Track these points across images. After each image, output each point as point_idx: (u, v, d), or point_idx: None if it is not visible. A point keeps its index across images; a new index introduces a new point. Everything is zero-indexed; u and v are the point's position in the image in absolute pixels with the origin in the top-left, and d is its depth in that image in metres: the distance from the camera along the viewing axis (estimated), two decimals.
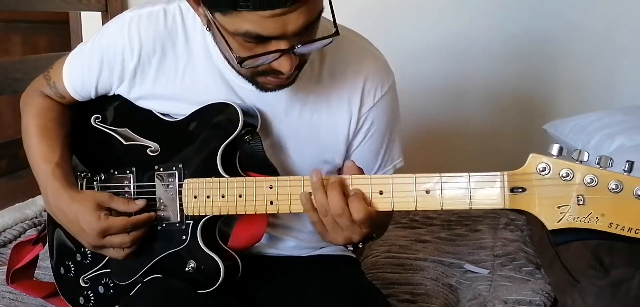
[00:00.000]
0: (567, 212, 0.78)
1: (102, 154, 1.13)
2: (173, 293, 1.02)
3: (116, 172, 1.10)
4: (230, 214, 0.99)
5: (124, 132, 1.11)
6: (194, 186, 1.01)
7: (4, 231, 1.74)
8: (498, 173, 0.82)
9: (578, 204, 0.78)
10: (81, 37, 2.57)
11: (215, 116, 1.03)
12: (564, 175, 0.78)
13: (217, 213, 1.00)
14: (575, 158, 0.78)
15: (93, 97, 1.13)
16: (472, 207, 0.83)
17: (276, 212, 0.95)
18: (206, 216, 1.01)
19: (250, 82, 0.98)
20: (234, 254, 1.04)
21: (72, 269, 1.15)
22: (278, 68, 0.90)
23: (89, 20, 2.54)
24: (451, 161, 2.31)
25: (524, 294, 1.37)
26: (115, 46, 1.06)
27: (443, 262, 1.55)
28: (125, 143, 1.11)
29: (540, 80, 2.25)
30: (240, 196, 0.96)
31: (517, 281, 1.45)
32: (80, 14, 2.56)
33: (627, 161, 0.77)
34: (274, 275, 1.12)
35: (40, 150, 1.10)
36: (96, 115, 1.14)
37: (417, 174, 0.86)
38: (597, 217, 0.77)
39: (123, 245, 1.04)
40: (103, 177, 1.12)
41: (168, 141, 1.07)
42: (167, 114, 1.09)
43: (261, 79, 0.95)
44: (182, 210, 1.03)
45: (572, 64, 2.20)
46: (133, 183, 1.09)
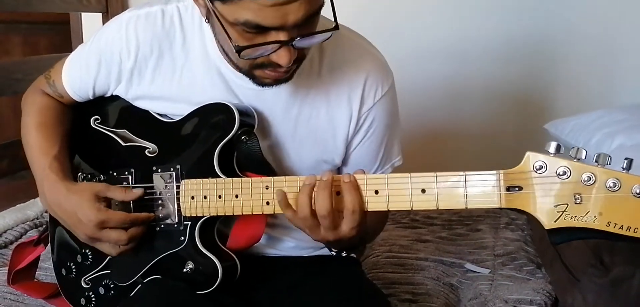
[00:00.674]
0: (565, 210, 0.77)
1: (101, 155, 1.13)
2: (172, 294, 1.02)
3: (115, 173, 1.11)
4: (227, 214, 0.99)
5: (122, 134, 1.11)
6: (191, 186, 1.01)
7: (5, 232, 1.74)
8: (494, 172, 0.81)
9: (575, 203, 0.77)
10: (82, 38, 2.57)
11: (213, 117, 1.03)
12: (561, 173, 0.77)
13: (214, 214, 1.00)
14: (573, 156, 0.77)
15: (91, 98, 1.14)
16: (468, 207, 0.83)
17: (273, 212, 0.95)
18: (203, 216, 1.01)
19: (248, 77, 0.97)
20: (233, 255, 1.04)
21: (74, 270, 1.15)
22: (277, 61, 0.89)
23: (90, 21, 2.55)
24: (451, 162, 2.29)
25: (524, 294, 1.37)
26: (112, 47, 1.07)
27: (444, 262, 1.55)
28: (123, 144, 1.11)
29: (540, 80, 2.25)
30: (236, 196, 0.96)
31: (518, 280, 1.45)
32: (80, 14, 2.56)
33: (626, 159, 0.76)
34: (273, 275, 1.12)
35: (38, 144, 1.10)
36: (95, 117, 1.14)
37: (412, 174, 0.86)
38: (595, 216, 0.76)
39: (119, 241, 1.03)
40: (102, 179, 1.12)
41: (166, 142, 1.08)
42: (165, 115, 1.10)
43: (259, 72, 0.95)
44: (180, 211, 1.03)
45: (572, 63, 2.19)
46: (131, 184, 1.09)
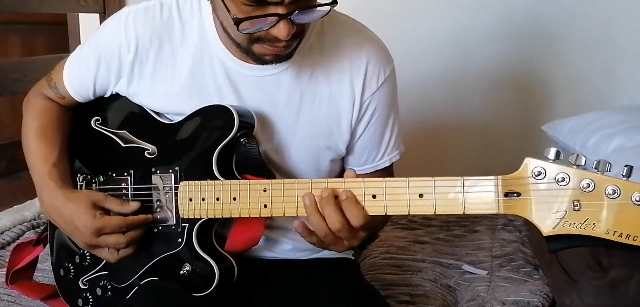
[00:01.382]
0: (563, 218, 0.77)
1: (101, 156, 1.13)
2: (168, 296, 1.02)
3: (114, 174, 1.11)
4: (225, 217, 0.98)
5: (122, 135, 1.11)
6: (189, 188, 1.01)
7: (2, 233, 1.74)
8: (492, 177, 0.81)
9: (574, 210, 0.76)
10: (79, 38, 2.57)
11: (212, 119, 1.03)
12: (560, 179, 0.77)
13: (211, 216, 0.99)
14: (572, 162, 0.77)
15: (92, 97, 1.13)
16: (466, 212, 0.82)
17: (270, 215, 0.95)
18: (201, 218, 1.01)
19: (247, 53, 0.97)
20: (230, 258, 1.04)
21: (72, 270, 1.15)
22: (276, 34, 0.89)
23: (87, 21, 2.54)
24: (449, 160, 2.30)
25: (522, 295, 1.37)
26: (111, 42, 1.06)
27: (441, 263, 1.55)
28: (123, 145, 1.11)
29: (538, 80, 2.24)
30: (234, 198, 0.96)
31: (515, 281, 1.45)
32: (78, 15, 2.56)
33: (626, 166, 0.75)
34: (271, 278, 1.12)
35: (38, 150, 1.10)
36: (96, 118, 1.14)
37: (410, 178, 0.85)
38: (594, 224, 0.75)
39: (118, 245, 1.03)
40: (102, 179, 1.12)
41: (166, 143, 1.07)
42: (165, 114, 1.09)
43: (257, 47, 0.94)
44: (178, 212, 1.03)
45: (570, 64, 2.19)
46: (130, 185, 1.09)
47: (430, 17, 2.29)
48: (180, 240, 1.03)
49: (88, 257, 1.13)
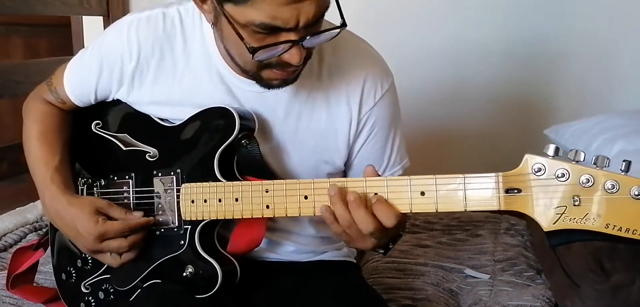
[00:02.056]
0: (563, 213, 0.77)
1: (103, 159, 1.13)
2: (171, 298, 1.02)
3: (116, 178, 1.11)
4: (227, 218, 0.99)
5: (123, 138, 1.11)
6: (191, 190, 1.01)
7: (4, 235, 1.73)
8: (493, 174, 0.81)
9: (574, 205, 0.76)
10: (82, 40, 2.58)
11: (213, 121, 1.04)
12: (560, 175, 0.77)
13: (214, 217, 1.00)
14: (572, 158, 0.77)
15: (93, 102, 1.14)
16: (467, 209, 0.82)
17: (272, 216, 0.95)
18: (204, 220, 1.01)
19: (254, 79, 0.98)
20: (232, 259, 1.04)
21: (74, 274, 1.16)
22: (288, 60, 0.90)
23: (91, 24, 2.55)
24: (451, 166, 2.30)
25: (524, 299, 1.36)
26: (114, 50, 1.07)
27: (444, 267, 1.55)
28: (124, 148, 1.11)
29: (540, 85, 2.25)
30: (236, 200, 0.96)
31: (517, 286, 1.45)
32: (81, 17, 2.57)
33: (624, 161, 0.76)
34: (273, 280, 1.12)
35: (40, 154, 1.11)
36: (97, 122, 1.15)
37: (411, 176, 0.86)
38: (594, 218, 0.76)
39: (120, 250, 1.04)
40: (103, 183, 1.12)
41: (167, 146, 1.08)
42: (166, 119, 1.10)
43: (267, 72, 0.95)
44: (180, 215, 1.03)
45: (572, 68, 2.19)
46: (132, 188, 1.09)
47: (432, 26, 2.30)
48: (182, 242, 1.04)
49: (90, 261, 1.13)
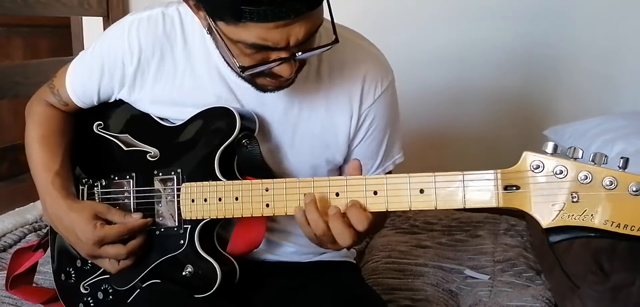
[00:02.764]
0: (562, 209, 0.77)
1: (104, 160, 1.14)
2: (170, 298, 1.02)
3: (116, 178, 1.11)
4: (227, 217, 0.99)
5: (124, 138, 1.12)
6: (192, 189, 1.01)
7: (4, 236, 1.74)
8: (491, 171, 0.81)
9: (572, 202, 0.77)
10: (82, 41, 2.58)
11: (213, 121, 1.04)
12: (558, 172, 0.77)
13: (214, 217, 1.00)
14: (570, 155, 0.78)
15: (95, 104, 1.14)
16: (466, 206, 0.83)
17: (272, 214, 0.95)
18: (204, 219, 1.01)
19: (250, 84, 0.99)
20: (232, 259, 1.04)
21: (73, 275, 1.16)
22: (279, 73, 0.91)
23: (91, 24, 2.56)
24: (451, 168, 2.28)
25: (524, 300, 1.37)
26: (115, 51, 1.07)
27: (443, 268, 1.55)
28: (125, 149, 1.11)
29: (540, 86, 2.25)
30: (236, 198, 0.96)
31: (517, 286, 1.45)
32: (81, 18, 2.57)
33: (622, 157, 0.76)
34: (272, 280, 1.12)
35: (41, 158, 1.11)
36: (98, 122, 1.15)
37: (411, 174, 0.86)
38: (592, 215, 0.76)
39: (118, 256, 1.04)
40: (104, 183, 1.13)
41: (167, 146, 1.08)
42: (167, 119, 1.10)
43: (260, 80, 0.96)
44: (180, 214, 1.04)
45: (572, 69, 2.19)
46: (132, 188, 1.09)
47: (432, 28, 2.30)
48: (182, 242, 1.04)
49: (89, 262, 1.13)
